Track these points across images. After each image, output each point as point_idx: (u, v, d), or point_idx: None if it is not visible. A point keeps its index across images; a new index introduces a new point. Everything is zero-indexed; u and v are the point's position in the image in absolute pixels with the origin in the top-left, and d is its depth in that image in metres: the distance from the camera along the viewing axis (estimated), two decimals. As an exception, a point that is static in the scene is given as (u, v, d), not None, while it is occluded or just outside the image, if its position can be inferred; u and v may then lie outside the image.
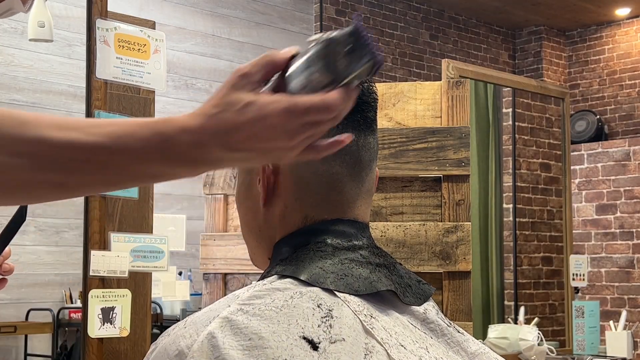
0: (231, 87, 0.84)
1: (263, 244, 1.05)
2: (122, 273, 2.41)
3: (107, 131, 0.79)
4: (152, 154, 0.79)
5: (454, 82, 2.82)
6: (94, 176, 0.81)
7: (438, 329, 1.00)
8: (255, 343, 0.87)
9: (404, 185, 2.74)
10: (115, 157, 0.79)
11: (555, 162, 5.51)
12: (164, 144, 0.79)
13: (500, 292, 5.29)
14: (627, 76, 8.32)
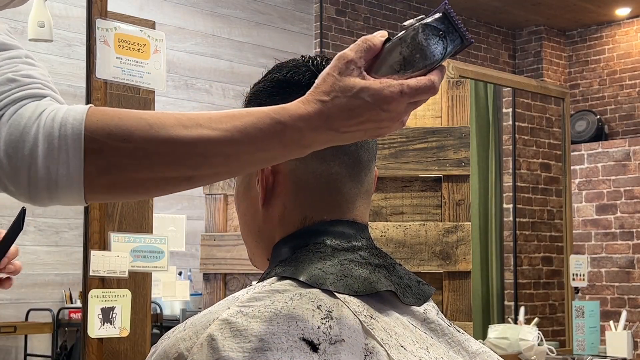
0: (339, 73, 0.87)
1: (262, 244, 1.04)
2: (122, 273, 2.41)
3: (232, 125, 0.84)
4: (273, 142, 0.84)
5: (454, 82, 2.82)
6: (220, 167, 0.86)
7: (439, 329, 1.00)
8: (255, 345, 0.86)
9: (404, 185, 2.74)
10: (242, 148, 0.84)
11: (555, 162, 5.51)
12: (284, 132, 0.84)
13: (500, 292, 5.29)
14: (627, 76, 8.32)
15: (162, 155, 0.83)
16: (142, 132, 0.82)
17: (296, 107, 0.85)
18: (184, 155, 0.84)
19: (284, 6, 6.99)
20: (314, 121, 0.84)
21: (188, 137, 0.83)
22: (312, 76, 1.01)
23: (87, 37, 2.45)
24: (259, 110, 0.85)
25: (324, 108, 0.84)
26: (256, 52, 6.73)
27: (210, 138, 0.83)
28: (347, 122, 0.84)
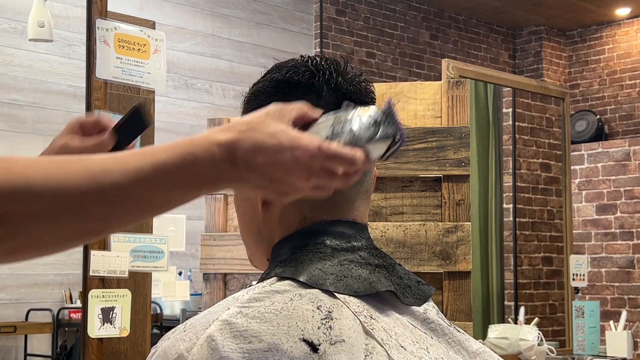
0: (266, 114, 0.84)
1: (262, 245, 1.04)
2: (122, 273, 2.41)
3: (142, 163, 0.78)
4: (184, 175, 0.79)
5: (454, 82, 2.82)
6: (132, 215, 0.80)
7: (439, 329, 1.00)
8: (255, 346, 0.86)
9: (404, 185, 2.74)
10: (153, 188, 0.78)
11: (556, 162, 5.51)
12: (194, 161, 0.79)
13: (500, 292, 5.29)
14: (627, 76, 8.32)
15: (68, 212, 0.75)
16: (44, 187, 0.74)
17: (214, 132, 0.81)
18: (91, 209, 0.76)
19: (284, 6, 6.99)
20: (228, 148, 0.79)
21: (93, 187, 0.75)
22: (312, 76, 1.01)
23: (87, 37, 2.45)
24: (170, 145, 0.80)
25: (240, 136, 0.80)
26: (256, 52, 6.73)
27: (118, 183, 0.76)
28: (259, 159, 0.80)
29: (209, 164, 0.79)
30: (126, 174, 0.76)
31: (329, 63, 1.03)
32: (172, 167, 0.78)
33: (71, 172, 0.75)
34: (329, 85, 1.01)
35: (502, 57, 8.58)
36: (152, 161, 0.78)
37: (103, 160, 0.78)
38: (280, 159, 0.80)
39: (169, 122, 6.03)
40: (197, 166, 0.79)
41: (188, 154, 0.78)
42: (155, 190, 0.78)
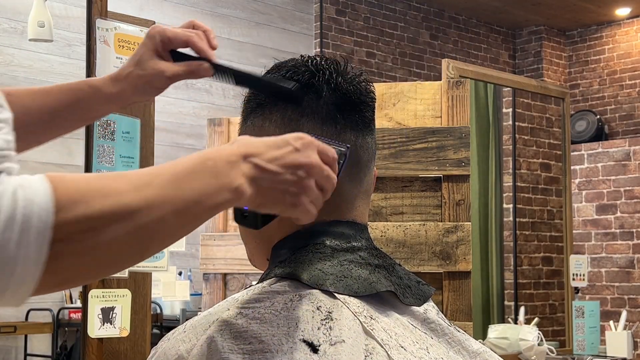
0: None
1: (262, 245, 1.04)
2: (122, 273, 2.41)
3: (169, 174, 0.79)
4: (205, 177, 0.81)
5: (454, 82, 2.82)
6: (175, 231, 0.80)
7: (439, 329, 1.00)
8: (255, 347, 0.86)
9: (404, 185, 2.74)
10: (181, 197, 0.79)
11: (556, 162, 5.51)
12: (215, 165, 0.81)
13: (500, 292, 5.29)
14: (627, 76, 8.32)
15: (127, 237, 0.75)
16: (107, 213, 0.73)
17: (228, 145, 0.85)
18: (149, 231, 0.76)
19: (284, 6, 6.99)
20: (237, 146, 0.83)
21: (146, 208, 0.75)
22: (312, 76, 1.01)
23: (87, 37, 2.45)
24: (186, 157, 0.82)
25: (251, 139, 0.86)
26: (256, 52, 6.73)
27: (164, 196, 0.77)
28: (268, 153, 0.84)
29: (225, 161, 0.82)
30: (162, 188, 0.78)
31: (329, 63, 1.03)
32: (191, 174, 0.80)
33: (123, 188, 0.75)
34: (328, 85, 1.01)
35: (502, 57, 8.58)
36: (174, 169, 0.80)
37: (147, 176, 0.78)
38: (291, 161, 0.85)
39: (169, 122, 6.03)
40: (215, 167, 0.81)
41: (207, 159, 0.81)
42: (183, 201, 0.79)
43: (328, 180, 0.89)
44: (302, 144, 0.87)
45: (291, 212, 0.87)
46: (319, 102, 1.00)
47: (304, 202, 0.86)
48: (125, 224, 0.74)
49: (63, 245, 0.71)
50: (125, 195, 0.74)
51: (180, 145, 6.09)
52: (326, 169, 0.88)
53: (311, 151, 0.87)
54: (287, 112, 1.00)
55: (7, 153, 0.72)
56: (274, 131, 1.00)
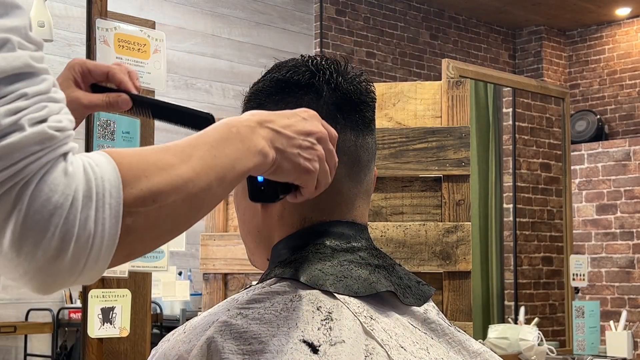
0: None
1: (262, 245, 1.04)
2: (122, 273, 2.41)
3: (202, 142, 0.83)
4: (235, 143, 0.85)
5: (454, 82, 2.82)
6: (217, 194, 0.84)
7: (439, 329, 1.00)
8: (255, 347, 0.86)
9: (404, 185, 2.74)
10: (218, 162, 0.83)
11: (556, 162, 5.51)
12: (239, 131, 0.85)
13: (500, 292, 5.29)
14: (628, 76, 8.32)
15: (185, 206, 0.79)
16: (166, 186, 0.77)
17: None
18: (199, 197, 0.80)
19: (284, 6, 6.99)
20: (249, 119, 0.87)
21: (201, 178, 0.80)
22: (312, 76, 1.01)
23: (87, 37, 2.44)
24: (212, 127, 0.86)
25: (260, 111, 0.90)
26: (256, 52, 6.73)
27: (205, 165, 0.81)
28: (280, 121, 0.89)
29: (245, 126, 0.86)
30: (201, 157, 0.81)
31: (329, 63, 1.03)
32: (221, 140, 0.84)
33: (174, 161, 0.79)
34: (329, 85, 1.01)
35: (502, 57, 8.58)
36: (207, 139, 0.84)
37: (187, 146, 0.82)
38: (301, 128, 0.90)
39: (169, 122, 6.03)
40: (239, 133, 0.85)
41: (232, 127, 0.86)
42: (219, 166, 0.83)
43: (332, 155, 0.93)
44: (308, 115, 0.91)
45: (305, 178, 0.91)
46: (319, 102, 1.00)
47: (316, 169, 0.90)
48: (182, 194, 0.78)
49: (132, 219, 0.74)
50: (177, 167, 0.78)
51: (180, 145, 6.08)
52: (331, 144, 0.92)
53: (317, 121, 0.92)
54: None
55: (71, 133, 0.74)
56: None
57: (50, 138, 0.71)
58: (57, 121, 0.72)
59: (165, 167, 0.77)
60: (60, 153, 0.71)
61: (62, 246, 0.70)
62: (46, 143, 0.70)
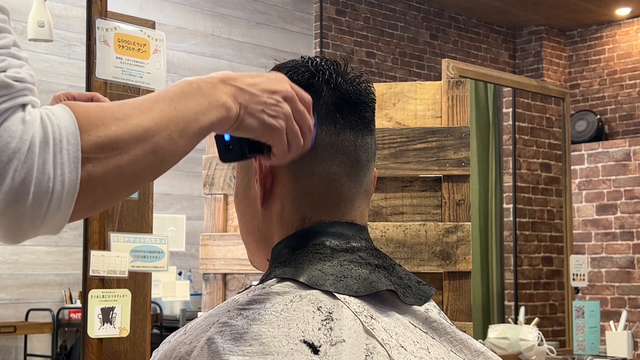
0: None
1: (262, 245, 1.04)
2: (122, 273, 2.41)
3: (162, 96, 0.86)
4: (197, 98, 0.88)
5: (454, 82, 2.82)
6: (178, 145, 0.86)
7: (441, 327, 1.00)
8: (255, 348, 0.86)
9: (404, 185, 2.74)
10: (181, 113, 0.86)
11: (556, 162, 5.51)
12: (200, 87, 0.90)
13: (500, 292, 5.28)
14: (628, 76, 8.32)
15: (144, 154, 0.82)
16: (124, 133, 0.80)
17: None
18: (162, 143, 0.83)
19: (284, 6, 6.98)
20: (215, 74, 0.92)
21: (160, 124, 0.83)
22: (311, 76, 1.01)
23: (87, 37, 2.44)
24: (172, 85, 0.90)
25: (231, 72, 0.93)
26: (256, 52, 6.73)
27: (166, 115, 0.84)
28: (244, 79, 0.91)
29: (207, 83, 0.90)
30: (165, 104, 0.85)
31: (329, 64, 1.03)
32: (183, 93, 0.88)
33: (134, 111, 0.82)
34: (328, 85, 1.01)
35: (502, 57, 8.58)
36: (168, 93, 0.88)
37: (152, 99, 0.86)
38: (262, 80, 0.92)
39: (169, 122, 6.02)
40: (200, 89, 0.89)
41: (193, 82, 0.91)
42: (183, 118, 0.86)
43: (303, 117, 0.93)
44: (274, 76, 0.94)
45: (271, 136, 0.92)
46: (318, 102, 1.00)
47: (282, 127, 0.91)
48: (143, 144, 0.80)
49: (92, 165, 0.77)
50: (135, 118, 0.81)
51: (180, 145, 6.07)
52: (301, 105, 0.93)
53: (285, 82, 0.93)
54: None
55: (32, 87, 0.78)
56: None
57: (7, 86, 0.74)
58: (15, 72, 0.76)
59: (123, 117, 0.80)
60: (19, 103, 0.75)
61: (23, 189, 0.73)
62: (3, 90, 0.74)
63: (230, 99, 0.89)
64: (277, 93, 0.91)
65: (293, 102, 0.93)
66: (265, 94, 0.91)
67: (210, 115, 0.87)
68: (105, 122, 0.79)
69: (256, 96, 0.90)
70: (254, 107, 0.90)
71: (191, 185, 6.12)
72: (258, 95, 0.90)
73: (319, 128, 1.00)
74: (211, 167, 2.93)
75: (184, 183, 6.12)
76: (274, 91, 0.91)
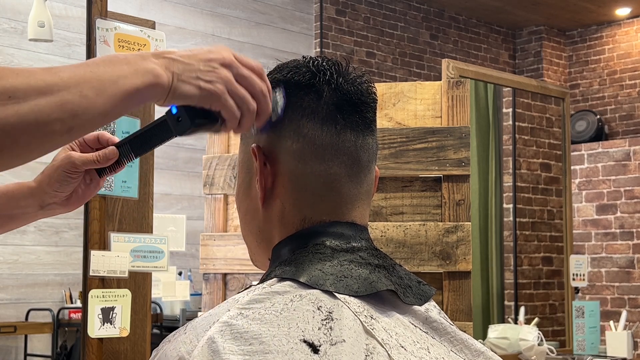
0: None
1: (263, 245, 1.04)
2: (122, 273, 2.41)
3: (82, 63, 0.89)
4: (122, 65, 0.90)
5: (454, 82, 2.82)
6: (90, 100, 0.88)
7: (441, 327, 1.00)
8: (255, 348, 0.86)
9: (404, 185, 2.74)
10: (100, 74, 0.89)
11: (556, 162, 5.51)
12: (127, 59, 0.91)
13: (500, 292, 5.29)
14: (627, 76, 8.32)
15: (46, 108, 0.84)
16: (23, 84, 0.83)
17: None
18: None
19: (284, 6, 6.99)
20: (152, 51, 0.96)
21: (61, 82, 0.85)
22: (312, 76, 1.01)
23: (87, 37, 2.44)
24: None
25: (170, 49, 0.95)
26: (256, 52, 6.73)
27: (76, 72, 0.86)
28: (180, 52, 0.93)
29: (136, 56, 0.91)
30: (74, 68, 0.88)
31: (330, 64, 1.03)
32: (106, 61, 0.90)
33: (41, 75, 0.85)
34: (329, 85, 1.01)
35: (502, 57, 8.58)
36: (91, 61, 0.90)
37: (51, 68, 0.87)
38: (199, 51, 0.93)
39: (169, 122, 6.02)
40: (129, 59, 0.90)
41: (122, 56, 0.91)
42: (102, 76, 0.88)
43: (249, 81, 0.94)
44: (215, 46, 0.96)
45: (211, 100, 0.93)
46: (319, 102, 1.00)
47: (221, 90, 0.92)
48: (47, 97, 0.83)
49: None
50: (39, 74, 0.84)
51: (180, 145, 6.09)
52: (245, 70, 0.94)
53: (224, 51, 0.95)
54: (287, 113, 1.01)
55: None
56: (274, 131, 1.01)
57: None
58: None
59: (25, 73, 0.83)
60: None
61: None
62: None
63: (161, 68, 0.90)
64: (213, 60, 0.93)
65: (233, 67, 0.94)
66: (201, 62, 0.92)
67: (135, 80, 0.88)
68: (4, 76, 0.82)
69: (190, 65, 0.92)
70: (188, 75, 0.91)
71: (191, 185, 6.12)
72: (192, 63, 0.92)
73: (319, 129, 1.00)
74: (211, 167, 2.93)
75: (184, 183, 6.12)
76: (209, 59, 0.93)
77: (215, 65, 0.93)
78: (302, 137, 1.00)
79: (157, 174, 2.67)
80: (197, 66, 0.92)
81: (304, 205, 1.00)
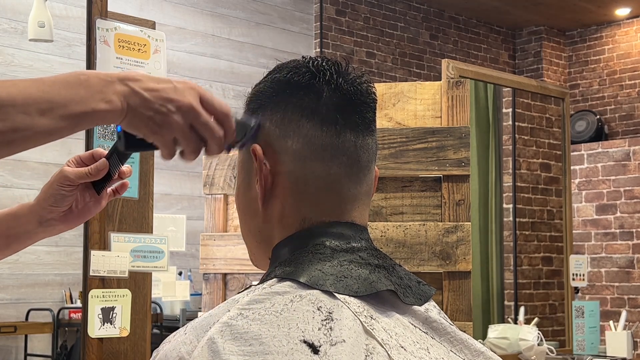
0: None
1: (262, 245, 1.04)
2: (122, 273, 2.41)
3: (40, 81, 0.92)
4: (79, 88, 0.92)
5: (454, 82, 2.82)
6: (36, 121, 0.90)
7: (441, 327, 1.00)
8: (255, 348, 0.86)
9: (404, 185, 2.74)
10: (53, 96, 0.91)
11: (555, 162, 5.51)
12: (88, 80, 0.93)
13: (500, 292, 5.28)
14: (627, 76, 8.32)
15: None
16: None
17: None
18: None
19: (284, 6, 6.99)
20: (119, 72, 0.95)
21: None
22: (312, 77, 1.01)
23: (87, 37, 2.45)
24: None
25: (138, 71, 0.97)
26: (256, 52, 6.73)
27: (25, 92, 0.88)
28: (146, 83, 0.93)
29: (100, 79, 0.93)
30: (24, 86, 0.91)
31: (330, 64, 1.03)
32: (64, 82, 0.92)
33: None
34: (329, 85, 1.01)
35: (502, 57, 8.58)
36: (50, 80, 0.94)
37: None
38: (164, 88, 0.93)
39: (169, 122, 6.02)
40: (88, 81, 0.92)
41: (82, 74, 0.93)
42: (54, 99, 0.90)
43: (207, 128, 0.95)
44: (183, 86, 0.95)
45: (155, 140, 0.95)
46: (318, 103, 1.00)
47: (164, 135, 0.94)
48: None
49: None
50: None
51: (180, 145, 6.08)
52: (205, 117, 0.95)
53: (190, 93, 0.94)
54: (287, 113, 1.01)
55: None
56: (274, 131, 1.01)
57: None
58: None
59: None
60: None
61: None
62: None
63: (119, 97, 0.91)
64: (173, 102, 0.93)
65: (191, 114, 0.94)
66: (159, 101, 0.93)
67: (88, 106, 0.90)
68: None
69: (148, 102, 0.92)
70: (142, 112, 0.92)
71: (191, 185, 6.12)
72: (150, 101, 0.93)
73: (319, 129, 1.00)
74: (211, 168, 2.93)
75: (184, 183, 6.12)
76: (169, 99, 0.93)
77: (172, 109, 0.93)
78: (301, 138, 1.00)
79: (157, 174, 2.67)
80: (154, 105, 0.93)
81: (304, 205, 1.00)
